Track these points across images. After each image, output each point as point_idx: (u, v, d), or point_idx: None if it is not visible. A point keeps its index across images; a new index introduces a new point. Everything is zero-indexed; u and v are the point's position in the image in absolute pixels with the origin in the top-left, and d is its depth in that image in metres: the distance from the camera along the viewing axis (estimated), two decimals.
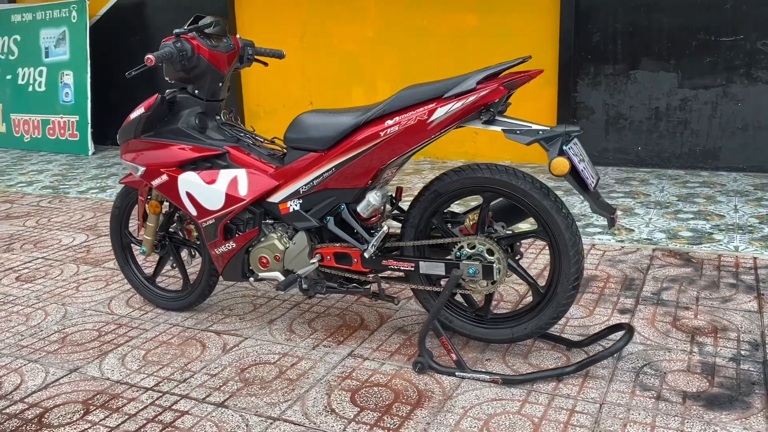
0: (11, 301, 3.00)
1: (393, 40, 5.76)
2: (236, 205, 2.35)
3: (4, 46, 7.43)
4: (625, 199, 4.21)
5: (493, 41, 5.37)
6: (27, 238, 3.98)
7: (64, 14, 6.85)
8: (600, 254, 3.23)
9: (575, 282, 2.06)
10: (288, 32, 6.17)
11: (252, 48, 2.58)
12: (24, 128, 7.31)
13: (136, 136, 2.46)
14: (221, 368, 2.30)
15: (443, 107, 1.99)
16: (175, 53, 2.28)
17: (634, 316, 2.55)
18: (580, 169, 1.93)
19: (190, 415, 2.02)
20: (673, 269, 3.00)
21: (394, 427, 1.91)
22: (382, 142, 2.08)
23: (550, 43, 5.18)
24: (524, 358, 2.27)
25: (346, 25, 5.91)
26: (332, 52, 6.03)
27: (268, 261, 2.38)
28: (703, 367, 2.16)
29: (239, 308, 2.80)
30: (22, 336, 2.63)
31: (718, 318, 2.50)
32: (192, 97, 2.44)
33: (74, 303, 2.95)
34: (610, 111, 5.13)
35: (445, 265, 2.14)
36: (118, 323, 2.71)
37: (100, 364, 2.37)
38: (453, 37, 5.51)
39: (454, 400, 2.04)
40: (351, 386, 2.14)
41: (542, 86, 5.26)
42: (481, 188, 2.11)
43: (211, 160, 2.41)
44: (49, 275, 3.32)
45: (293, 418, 1.98)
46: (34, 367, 2.37)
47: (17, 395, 2.19)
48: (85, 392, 2.18)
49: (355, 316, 2.67)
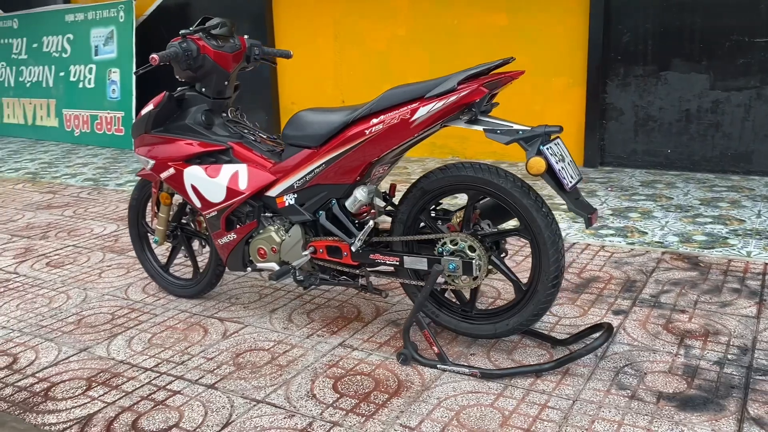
0: (39, 284, 3.20)
1: (423, 39, 5.82)
2: (236, 198, 2.46)
3: (58, 45, 7.81)
4: (646, 202, 4.17)
5: (522, 41, 5.37)
6: (63, 227, 4.21)
7: (113, 14, 7.16)
8: (607, 256, 3.23)
9: (555, 280, 2.10)
10: (322, 32, 6.30)
11: (259, 48, 2.69)
12: (74, 123, 7.67)
13: (146, 131, 2.60)
14: (218, 353, 2.42)
15: (425, 107, 2.05)
16: (180, 53, 2.41)
17: (628, 317, 2.55)
18: (556, 169, 1.97)
19: (181, 395, 2.15)
20: (678, 273, 2.98)
21: (368, 413, 1.99)
22: (368, 140, 2.16)
23: (579, 44, 5.15)
24: (508, 354, 2.31)
25: (377, 24, 6.00)
26: (364, 51, 6.12)
27: (266, 252, 2.48)
28: (685, 369, 2.16)
29: (246, 297, 2.92)
30: (43, 317, 2.81)
31: (712, 322, 2.48)
32: (199, 95, 2.57)
33: (95, 288, 3.12)
34: (640, 112, 5.07)
35: (427, 261, 2.20)
36: (131, 308, 2.87)
37: (108, 345, 2.53)
38: (482, 36, 5.54)
39: (431, 390, 2.10)
40: (336, 374, 2.23)
41: (571, 87, 5.24)
42: (464, 186, 2.16)
43: (216, 155, 2.54)
44: (76, 262, 3.52)
45: (275, 401, 2.08)
46: (49, 346, 2.54)
47: (30, 370, 2.35)
48: (90, 370, 2.33)
49: (352, 308, 2.76)
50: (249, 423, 1.97)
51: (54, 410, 2.08)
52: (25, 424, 2.02)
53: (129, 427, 1.98)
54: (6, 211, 4.68)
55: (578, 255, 3.26)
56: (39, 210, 4.68)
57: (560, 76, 5.28)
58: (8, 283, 3.24)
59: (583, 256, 3.25)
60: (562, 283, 2.90)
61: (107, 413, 2.05)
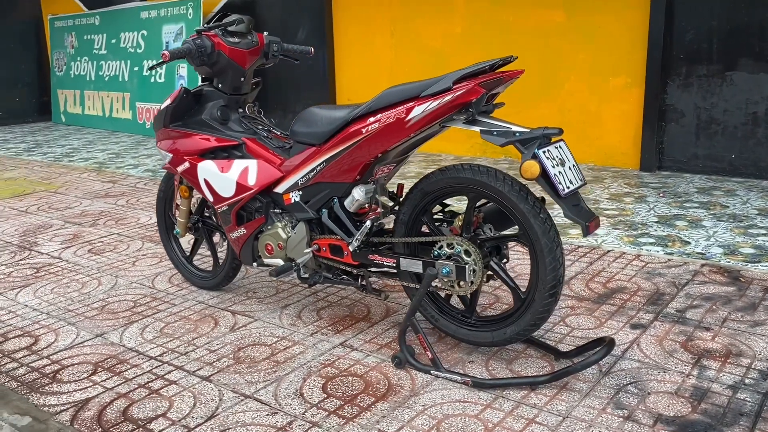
0: (76, 269, 3.35)
1: (478, 37, 5.71)
2: (245, 193, 2.48)
3: (133, 41, 8.16)
4: (697, 210, 3.93)
5: (579, 38, 5.18)
6: (113, 215, 4.39)
7: (182, 11, 7.41)
8: (641, 266, 3.06)
9: (552, 290, 2.00)
10: (379, 29, 6.29)
11: (278, 45, 2.70)
12: (146, 115, 8.00)
13: (165, 125, 2.67)
14: (221, 345, 2.46)
15: (420, 106, 2.00)
16: (194, 49, 2.45)
17: (645, 332, 2.41)
18: (551, 173, 1.87)
19: (176, 385, 2.19)
20: (713, 287, 2.79)
21: (350, 416, 1.97)
22: (364, 139, 2.13)
23: (639, 42, 4.91)
24: (508, 363, 2.23)
25: (433, 21, 5.94)
26: (420, 49, 6.07)
27: (273, 248, 2.50)
28: (694, 391, 2.01)
29: (263, 292, 2.96)
30: (71, 301, 2.94)
31: (737, 342, 2.31)
32: (216, 91, 2.61)
33: (126, 276, 3.24)
34: (702, 115, 4.78)
35: (422, 264, 2.15)
36: (153, 297, 2.96)
37: (122, 332, 2.61)
38: (538, 33, 5.37)
39: (419, 397, 2.05)
40: (328, 374, 2.22)
41: (629, 87, 5.01)
42: (463, 188, 2.10)
43: (229, 150, 2.57)
44: (116, 249, 3.66)
45: (263, 397, 2.09)
46: (69, 329, 2.65)
47: (46, 352, 2.46)
48: (100, 355, 2.42)
49: (363, 308, 2.73)
50: (232, 418, 1.99)
51: (57, 392, 2.17)
52: (27, 404, 2.12)
53: (120, 414, 2.03)
54: (66, 199, 4.93)
55: (609, 263, 3.11)
56: (96, 198, 4.90)
57: (618, 76, 5.05)
58: (49, 267, 3.41)
59: (615, 264, 3.09)
60: (584, 292, 2.78)
61: (103, 399, 2.12)
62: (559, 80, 5.35)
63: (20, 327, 2.69)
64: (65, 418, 2.02)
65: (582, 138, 5.31)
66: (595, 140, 5.26)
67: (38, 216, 4.45)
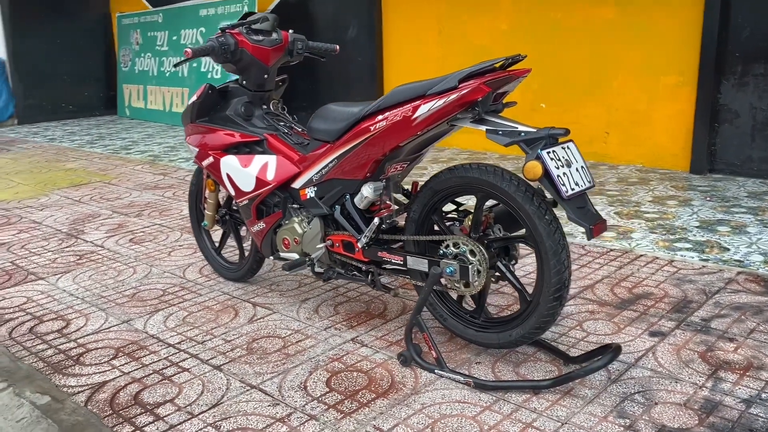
0: (115, 258, 3.50)
1: (526, 34, 5.62)
2: (264, 188, 2.54)
3: (193, 38, 8.40)
4: (744, 216, 3.76)
5: (629, 36, 5.02)
6: (158, 207, 4.55)
7: (238, 8, 7.58)
8: (672, 272, 2.96)
9: (557, 293, 1.96)
10: (427, 27, 6.27)
11: (303, 43, 2.74)
12: None
13: (191, 120, 2.75)
14: (237, 336, 2.52)
15: (426, 104, 2.00)
16: (217, 47, 2.51)
17: (664, 340, 2.33)
18: (554, 175, 1.83)
19: (188, 372, 2.26)
20: (746, 296, 2.67)
21: (349, 411, 1.99)
22: (372, 137, 2.14)
23: (692, 38, 4.72)
24: (515, 366, 2.20)
25: (480, 18, 5.88)
26: (467, 46, 6.02)
27: (289, 242, 2.54)
28: (704, 403, 1.94)
29: (285, 285, 3.01)
30: (106, 288, 3.07)
31: (761, 355, 2.21)
32: (240, 87, 2.67)
33: (160, 265, 3.36)
34: (758, 115, 4.56)
35: (428, 262, 2.15)
36: (182, 286, 3.05)
37: (147, 319, 2.71)
38: (587, 30, 5.24)
39: (419, 395, 2.05)
40: (335, 368, 2.24)
41: (680, 86, 4.83)
42: (471, 188, 2.08)
43: (251, 146, 2.62)
44: (156, 239, 3.80)
45: (268, 389, 2.13)
46: (99, 315, 2.77)
47: (75, 335, 2.58)
48: (123, 341, 2.52)
49: (380, 304, 2.75)
50: (235, 407, 2.04)
51: (77, 374, 2.27)
52: (49, 384, 2.23)
53: (131, 398, 2.12)
54: (118, 190, 5.13)
55: (639, 268, 3.02)
56: (146, 190, 5.09)
57: (669, 74, 4.88)
58: (91, 255, 3.56)
59: (645, 269, 3.00)
60: (607, 297, 2.71)
61: (119, 382, 2.21)
62: (607, 78, 5.20)
63: (55, 311, 2.83)
64: (81, 399, 2.12)
65: (630, 138, 5.16)
66: (644, 141, 5.10)
67: (89, 206, 4.65)
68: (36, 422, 2.02)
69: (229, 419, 1.97)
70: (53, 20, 9.55)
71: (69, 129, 8.86)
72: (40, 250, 3.68)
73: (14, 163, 6.45)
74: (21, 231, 4.08)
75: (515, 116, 2.03)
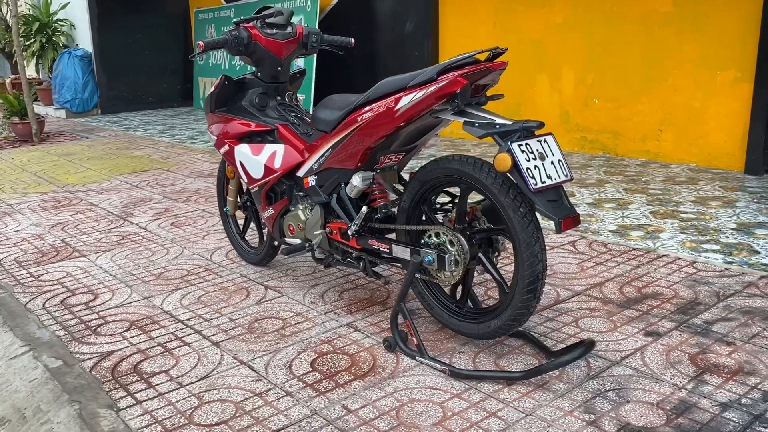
0: (154, 239, 3.72)
1: (580, 26, 5.50)
2: (272, 176, 2.65)
3: None
4: None
5: (686, 29, 4.83)
6: (205, 193, 4.77)
7: (302, 4, 7.78)
8: (690, 273, 2.87)
9: (530, 286, 1.97)
10: (482, 20, 6.24)
11: (317, 36, 2.83)
12: None
13: (211, 110, 2.89)
14: (243, 316, 2.65)
15: (407, 96, 2.04)
16: (230, 40, 2.64)
17: (658, 340, 2.28)
18: (522, 167, 1.84)
19: (188, 347, 2.41)
20: (760, 301, 2.56)
21: (324, 390, 2.07)
22: (360, 127, 2.20)
23: (752, 32, 4.49)
24: (498, 357, 2.22)
25: (535, 11, 5.79)
26: (521, 39, 5.95)
27: (294, 228, 2.64)
28: (678, 405, 1.90)
29: (301, 270, 3.12)
30: (137, 266, 3.28)
31: (755, 360, 2.12)
32: (256, 79, 2.79)
33: (192, 248, 3.54)
34: None
35: (410, 251, 2.19)
36: (206, 268, 3.22)
37: (166, 297, 2.88)
38: (642, 23, 5.08)
39: (395, 380, 2.10)
40: (323, 350, 2.33)
41: (738, 82, 4.60)
42: (454, 180, 2.11)
43: (263, 135, 2.74)
44: (195, 224, 4.00)
45: (255, 365, 2.24)
46: (125, 291, 2.97)
47: (99, 308, 2.79)
48: (138, 315, 2.70)
49: (384, 292, 2.81)
50: (222, 380, 2.16)
51: (92, 343, 2.46)
52: (65, 350, 2.43)
53: (132, 366, 2.28)
54: (174, 176, 5.41)
55: (657, 268, 2.94)
56: (199, 177, 5.34)
57: (727, 70, 4.66)
58: (133, 236, 3.80)
59: (663, 270, 2.92)
60: (613, 295, 2.66)
61: (124, 352, 2.38)
62: (662, 74, 5.03)
63: (88, 285, 3.05)
64: (88, 365, 2.30)
65: (683, 136, 4.97)
66: (698, 139, 4.90)
67: (144, 191, 4.94)
68: (44, 383, 2.21)
69: (212, 391, 2.09)
70: (136, 16, 10.10)
71: (145, 119, 9.36)
72: (89, 230, 3.96)
73: (88, 150, 6.90)
74: (78, 212, 4.39)
75: (569, 110, 2.04)
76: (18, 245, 3.72)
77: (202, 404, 2.02)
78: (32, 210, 4.49)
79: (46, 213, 4.40)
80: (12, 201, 4.78)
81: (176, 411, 1.99)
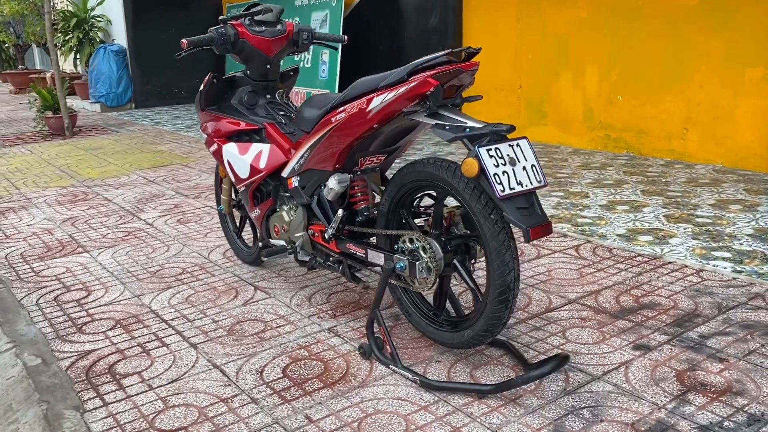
0: (157, 236, 3.73)
1: (605, 22, 5.32)
2: (257, 176, 2.61)
3: None
4: None
5: (713, 24, 4.62)
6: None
7: None
8: (695, 282, 2.73)
9: (501, 296, 1.88)
10: (505, 15, 6.10)
11: (308, 33, 2.78)
12: (294, 99, 8.50)
13: (202, 108, 2.87)
14: (226, 317, 2.62)
15: (378, 97, 1.98)
16: (216, 37, 2.60)
17: (645, 355, 2.17)
18: (489, 173, 1.76)
19: (166, 348, 2.39)
20: (764, 314, 2.42)
21: (289, 398, 2.02)
22: (334, 128, 2.14)
23: None
24: (474, 368, 2.14)
25: (559, 6, 5.63)
26: (544, 35, 5.80)
27: (279, 230, 2.60)
28: (654, 425, 1.79)
29: (294, 272, 3.08)
30: (135, 263, 3.29)
31: (746, 379, 2.00)
32: (245, 77, 2.76)
33: (191, 245, 3.54)
34: None
35: (384, 256, 2.13)
36: (201, 266, 3.21)
37: (156, 295, 2.88)
38: (668, 18, 4.88)
39: (364, 389, 2.05)
40: (298, 356, 2.28)
41: (766, 79, 4.38)
42: (429, 183, 2.04)
43: (250, 134, 2.71)
44: (200, 221, 4.00)
45: (227, 370, 2.21)
46: (118, 288, 2.98)
47: (89, 306, 2.80)
48: (125, 313, 2.70)
49: (371, 297, 2.75)
50: (191, 384, 2.13)
51: (74, 341, 2.47)
52: (47, 348, 2.44)
53: (107, 367, 2.27)
54: (191, 172, 5.44)
55: (660, 276, 2.80)
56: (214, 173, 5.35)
57: (755, 67, 4.44)
58: (138, 232, 3.82)
59: (666, 278, 2.78)
60: (608, 305, 2.55)
61: (103, 352, 2.38)
62: (687, 71, 4.82)
63: (84, 282, 3.07)
64: (65, 364, 2.30)
65: (710, 136, 4.76)
66: (725, 139, 4.69)
67: (159, 186, 4.98)
68: (20, 381, 2.22)
69: (179, 395, 2.07)
70: (170, 12, 10.22)
71: (176, 113, 9.47)
72: (98, 225, 4.00)
73: (115, 144, 7.01)
74: (91, 207, 4.44)
75: (593, 107, 1.95)
76: (27, 239, 3.78)
77: (166, 408, 2.00)
78: (48, 204, 4.57)
79: (61, 207, 4.46)
80: (31, 195, 4.88)
81: (140, 414, 1.97)
